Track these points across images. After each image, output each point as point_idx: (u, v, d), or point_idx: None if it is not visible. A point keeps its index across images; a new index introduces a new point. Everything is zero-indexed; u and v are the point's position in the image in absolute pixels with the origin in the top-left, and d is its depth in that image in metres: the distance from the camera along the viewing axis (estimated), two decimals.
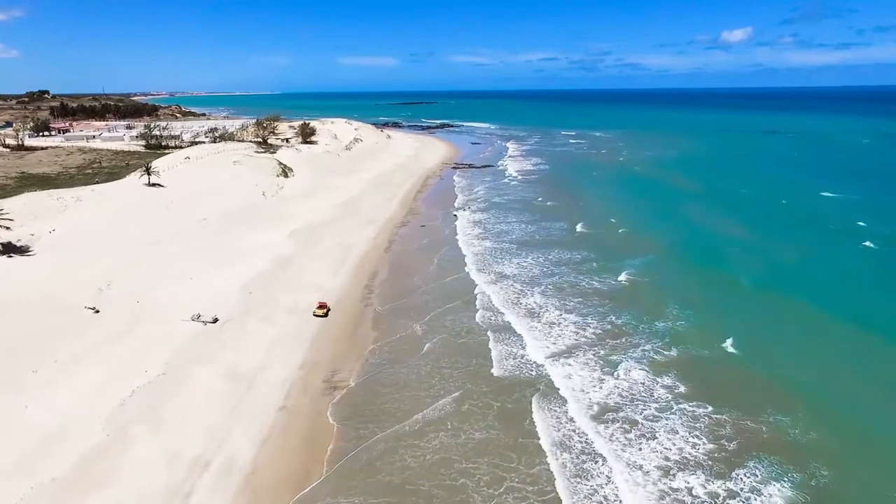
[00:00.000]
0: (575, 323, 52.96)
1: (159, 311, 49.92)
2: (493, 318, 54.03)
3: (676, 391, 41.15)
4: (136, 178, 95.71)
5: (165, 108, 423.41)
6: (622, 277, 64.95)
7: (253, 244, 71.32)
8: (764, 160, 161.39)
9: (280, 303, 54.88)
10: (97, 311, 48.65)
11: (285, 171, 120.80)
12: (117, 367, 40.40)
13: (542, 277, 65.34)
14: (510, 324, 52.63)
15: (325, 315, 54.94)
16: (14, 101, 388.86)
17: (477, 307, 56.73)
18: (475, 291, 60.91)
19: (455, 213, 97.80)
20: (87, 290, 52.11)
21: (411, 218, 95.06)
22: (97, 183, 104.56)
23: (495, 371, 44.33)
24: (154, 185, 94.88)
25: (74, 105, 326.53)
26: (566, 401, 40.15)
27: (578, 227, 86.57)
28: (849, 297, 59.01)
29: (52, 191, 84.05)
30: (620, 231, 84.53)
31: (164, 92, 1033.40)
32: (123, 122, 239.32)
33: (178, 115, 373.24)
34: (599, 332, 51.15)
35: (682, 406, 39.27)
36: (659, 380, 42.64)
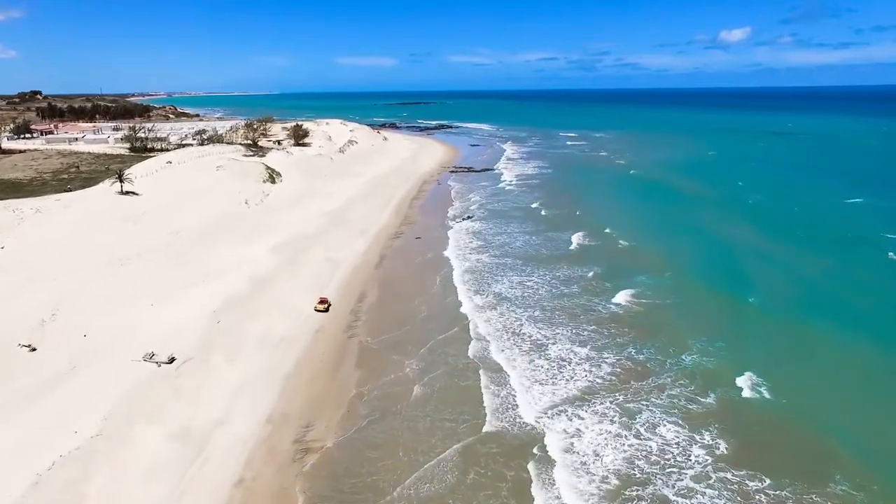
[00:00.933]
0: (588, 359, 46.03)
1: (108, 349, 42.96)
2: (494, 354, 47.02)
3: (717, 452, 34.22)
4: (107, 186, 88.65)
5: (159, 108, 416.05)
6: (638, 300, 58.16)
7: (229, 261, 64.34)
8: (772, 162, 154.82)
9: (251, 334, 47.90)
10: (33, 350, 41.71)
11: (272, 177, 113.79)
12: (43, 426, 33.44)
13: (548, 300, 58.48)
14: (514, 361, 45.65)
15: (326, 310, 54.80)
16: (4, 102, 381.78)
17: (476, 338, 49.80)
18: (474, 318, 53.96)
19: (452, 223, 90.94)
20: (27, 323, 45.14)
21: (406, 228, 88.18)
22: (69, 190, 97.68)
23: (502, 426, 37.34)
24: (127, 193, 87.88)
25: (63, 106, 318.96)
26: (578, 468, 33.13)
27: (585, 240, 79.67)
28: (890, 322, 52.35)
29: (9, 201, 77.04)
30: (630, 245, 77.47)
31: (163, 92, 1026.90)
32: (111, 124, 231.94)
33: (170, 115, 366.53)
34: (618, 370, 44.23)
35: (725, 475, 32.32)
36: (694, 437, 35.69)
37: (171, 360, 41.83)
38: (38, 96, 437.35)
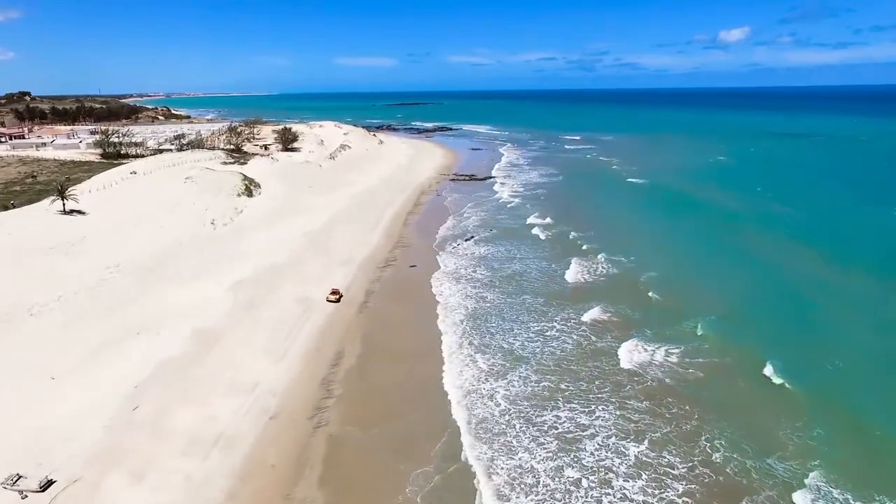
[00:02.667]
0: (644, 465, 32.98)
1: None
2: (506, 460, 33.80)
3: None
4: (47, 205, 75.48)
5: (150, 109, 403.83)
6: (692, 359, 45.34)
7: (174, 306, 51.29)
8: (795, 169, 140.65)
9: (177, 429, 34.80)
10: None
11: (249, 189, 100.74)
12: None
13: (577, 360, 45.51)
14: (536, 473, 32.43)
15: (338, 301, 55.30)
16: None
17: (480, 429, 36.69)
18: (479, 393, 40.87)
19: (453, 245, 77.86)
20: None
21: (399, 253, 75.01)
22: (11, 207, 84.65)
23: None
24: (71, 212, 74.77)
25: (46, 107, 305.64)
26: None
27: (611, 270, 66.35)
28: None
29: None
30: (663, 276, 63.91)
31: (162, 93, 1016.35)
32: (90, 127, 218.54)
33: (160, 117, 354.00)
34: (693, 486, 31.18)
35: None
36: None
37: (46, 486, 28.74)
38: (27, 97, 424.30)
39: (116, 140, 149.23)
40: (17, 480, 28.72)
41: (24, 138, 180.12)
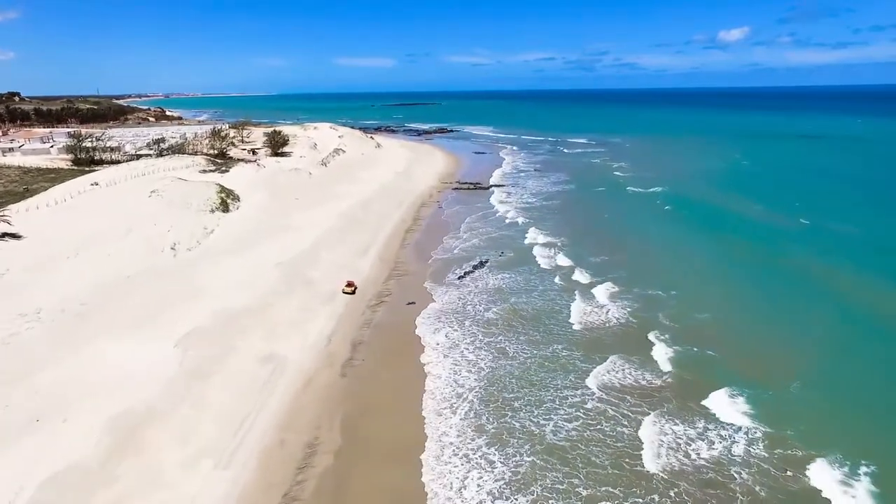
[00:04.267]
0: None
1: None
2: None
3: None
4: None
5: (143, 110, 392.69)
6: (786, 452, 33.59)
7: (96, 375, 39.02)
8: (835, 177, 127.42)
9: None
10: None
11: (226, 203, 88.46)
12: None
13: (648, 453, 33.47)
14: None
15: (353, 293, 54.51)
16: None
17: None
18: None
19: (458, 273, 65.65)
20: None
21: (394, 285, 62.77)
22: None
23: None
24: (3, 236, 62.57)
25: (29, 108, 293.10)
26: None
27: (653, 309, 53.97)
28: None
29: None
30: (717, 320, 52.27)
31: (161, 93, 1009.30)
32: (69, 129, 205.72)
33: (150, 118, 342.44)
34: None
35: None
36: None
37: None
38: (15, 97, 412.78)
39: (89, 145, 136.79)
40: None
41: None
